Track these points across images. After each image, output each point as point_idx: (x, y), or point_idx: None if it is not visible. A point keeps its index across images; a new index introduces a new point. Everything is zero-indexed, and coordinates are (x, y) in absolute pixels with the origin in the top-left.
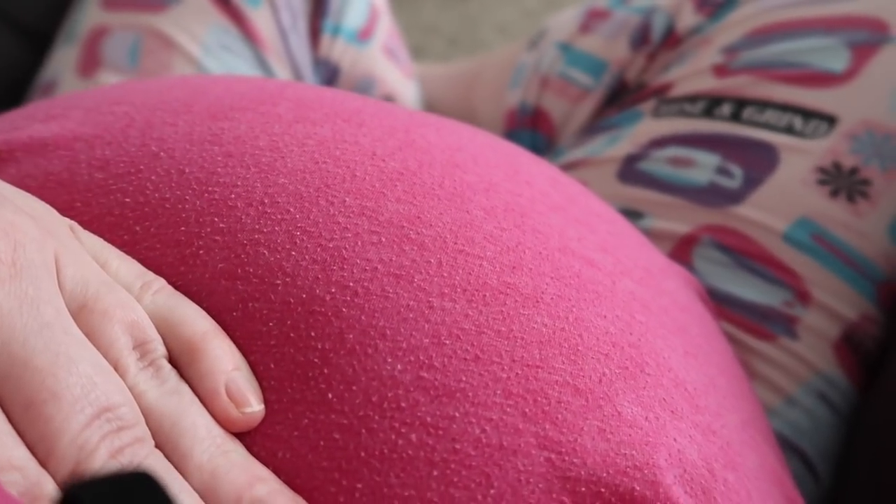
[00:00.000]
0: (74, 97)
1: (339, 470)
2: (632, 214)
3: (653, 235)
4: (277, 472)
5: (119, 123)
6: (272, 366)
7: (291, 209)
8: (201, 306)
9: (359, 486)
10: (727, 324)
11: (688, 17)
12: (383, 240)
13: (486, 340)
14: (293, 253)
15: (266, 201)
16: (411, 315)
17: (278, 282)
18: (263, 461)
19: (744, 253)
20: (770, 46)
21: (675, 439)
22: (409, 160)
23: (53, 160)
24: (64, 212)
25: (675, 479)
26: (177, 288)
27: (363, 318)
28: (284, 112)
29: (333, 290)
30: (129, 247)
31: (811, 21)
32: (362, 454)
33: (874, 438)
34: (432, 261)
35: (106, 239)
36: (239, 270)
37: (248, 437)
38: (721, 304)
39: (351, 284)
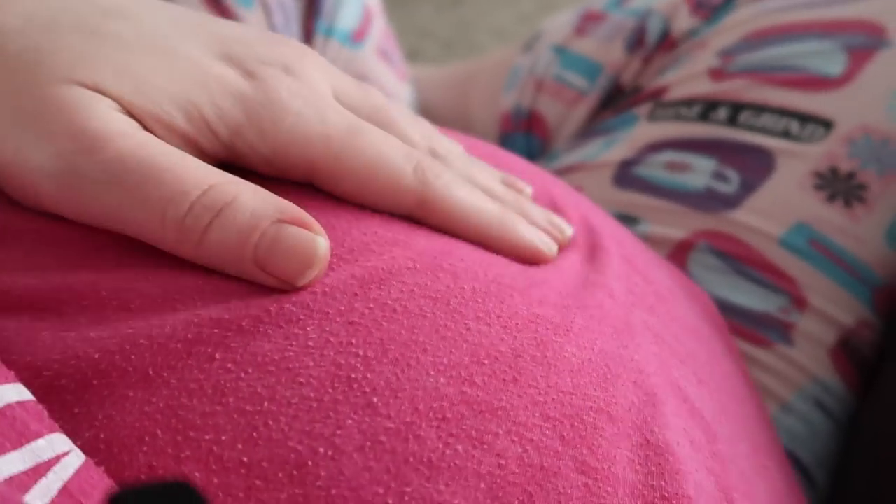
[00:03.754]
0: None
1: (386, 472)
2: (628, 220)
3: (649, 241)
4: (317, 467)
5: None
6: (311, 363)
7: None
8: (233, 307)
9: (407, 489)
10: None
11: (683, 21)
12: (418, 266)
13: (523, 364)
14: (330, 272)
15: None
16: (450, 334)
17: (316, 290)
18: (300, 457)
19: (740, 258)
20: (766, 50)
21: (695, 470)
22: None
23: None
24: None
25: None
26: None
27: (403, 332)
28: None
29: (372, 307)
30: None
31: (808, 25)
32: (411, 459)
33: (871, 446)
34: (466, 287)
35: None
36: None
37: (286, 427)
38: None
39: (389, 302)
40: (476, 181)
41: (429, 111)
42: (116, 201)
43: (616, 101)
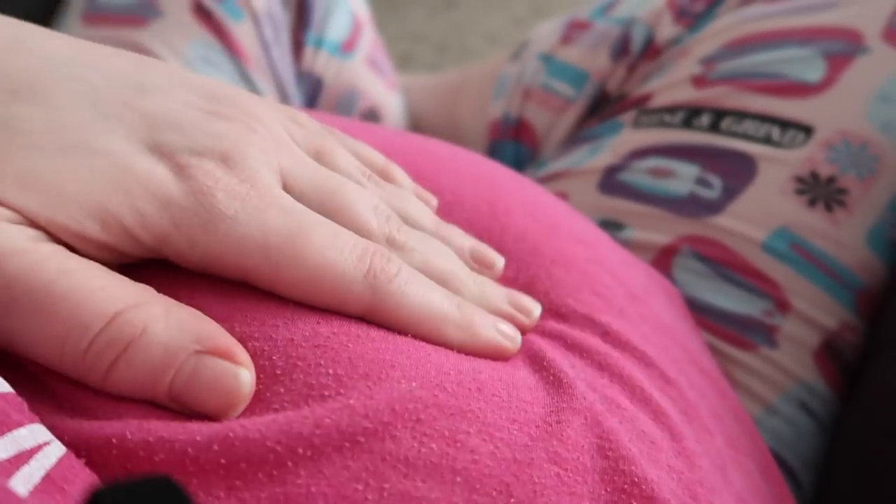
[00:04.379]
0: None
1: (365, 470)
2: (612, 225)
3: (633, 246)
4: (297, 465)
5: None
6: (282, 390)
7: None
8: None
9: (386, 486)
10: (707, 333)
11: (667, 29)
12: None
13: (484, 378)
14: (290, 302)
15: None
16: (414, 353)
17: (279, 323)
18: (281, 456)
19: (723, 263)
20: (747, 57)
21: (654, 469)
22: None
23: None
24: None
25: (671, 496)
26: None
27: (369, 353)
28: None
29: (336, 331)
30: None
31: (787, 32)
32: (388, 458)
33: (853, 446)
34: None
35: None
36: (236, 313)
37: (265, 430)
38: (701, 313)
39: (353, 328)
40: (435, 263)
41: (418, 120)
42: (10, 328)
43: (602, 108)
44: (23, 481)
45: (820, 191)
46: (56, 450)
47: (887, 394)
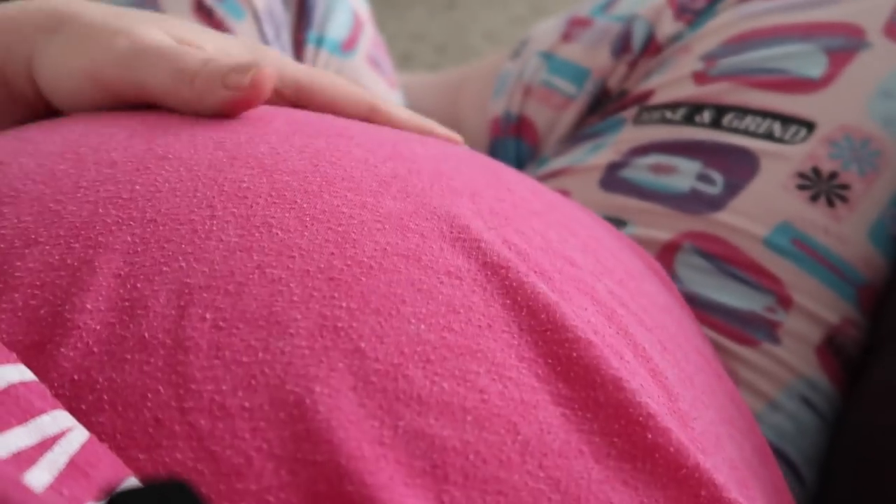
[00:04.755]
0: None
1: (379, 409)
2: (615, 222)
3: (632, 240)
4: (315, 403)
5: (121, 134)
6: (298, 316)
7: (298, 200)
8: (217, 271)
9: (401, 423)
10: (710, 330)
11: (667, 25)
12: (387, 227)
13: (495, 312)
14: (305, 233)
15: (273, 194)
16: (425, 287)
17: (294, 254)
18: (297, 397)
19: (725, 259)
20: (748, 53)
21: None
22: (399, 167)
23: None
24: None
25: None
26: (192, 258)
27: (381, 286)
28: (280, 126)
29: (349, 264)
30: (141, 226)
31: (788, 27)
32: (401, 396)
33: (856, 443)
34: (434, 247)
35: (123, 217)
36: (254, 245)
37: (282, 373)
38: (703, 310)
39: (365, 259)
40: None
41: None
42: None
43: (603, 105)
44: (48, 467)
45: (822, 186)
46: (79, 435)
47: (889, 389)
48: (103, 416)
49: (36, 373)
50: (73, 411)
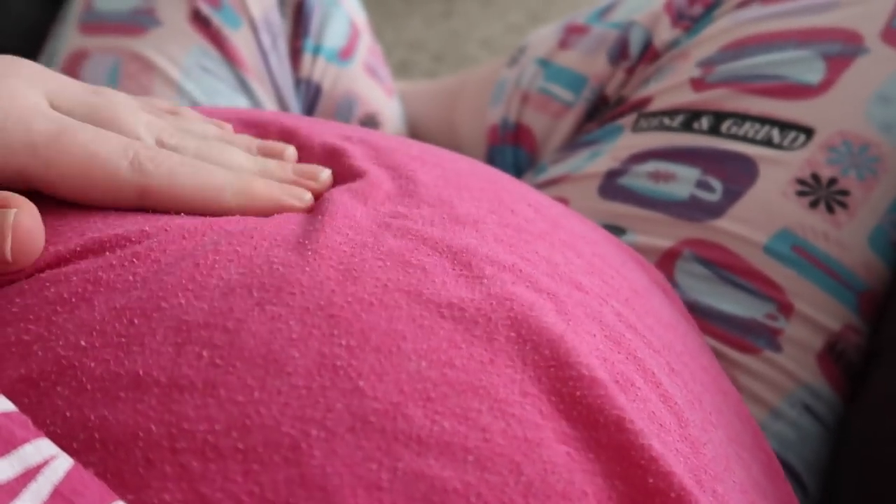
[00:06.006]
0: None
1: (378, 450)
2: (614, 230)
3: (635, 251)
4: (311, 448)
5: None
6: (296, 354)
7: (300, 237)
8: (216, 308)
9: (399, 464)
10: (710, 338)
11: (665, 32)
12: (388, 264)
13: (498, 346)
14: (307, 269)
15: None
16: (426, 322)
17: (294, 291)
18: (293, 440)
19: (725, 266)
20: (746, 59)
21: (663, 448)
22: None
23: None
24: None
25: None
26: (191, 295)
27: (382, 323)
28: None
29: (350, 300)
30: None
31: (786, 33)
32: (400, 436)
33: (859, 451)
34: (437, 281)
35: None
36: (255, 282)
37: (278, 413)
38: (704, 317)
39: (366, 296)
40: (211, 153)
41: (417, 125)
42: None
43: (601, 112)
44: (31, 499)
45: (821, 192)
46: (63, 463)
47: (892, 396)
48: (94, 456)
49: (28, 409)
50: (65, 449)
